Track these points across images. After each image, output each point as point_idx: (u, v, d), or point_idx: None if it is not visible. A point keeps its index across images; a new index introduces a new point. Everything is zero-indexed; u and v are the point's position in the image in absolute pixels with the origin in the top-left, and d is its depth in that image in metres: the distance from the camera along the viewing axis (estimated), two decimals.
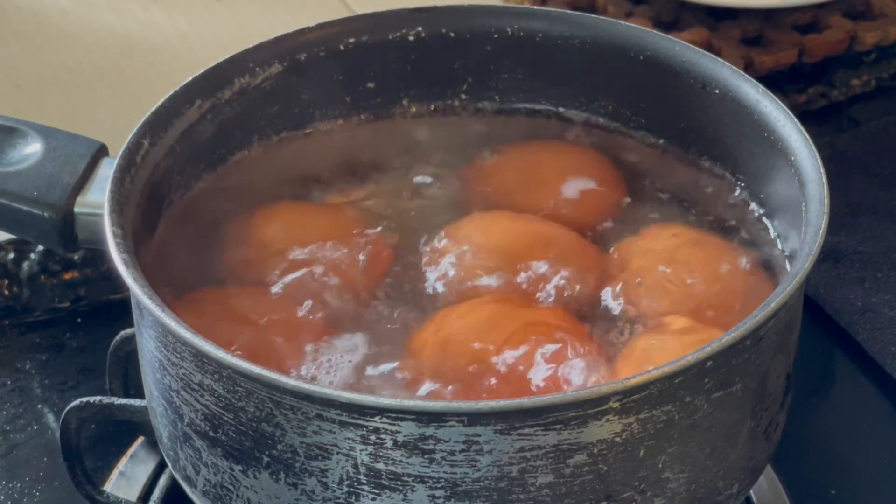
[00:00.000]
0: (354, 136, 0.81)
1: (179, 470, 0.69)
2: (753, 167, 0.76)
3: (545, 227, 0.76)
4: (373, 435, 0.61)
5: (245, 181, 0.78)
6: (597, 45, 0.79)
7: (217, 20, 1.17)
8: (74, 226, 0.72)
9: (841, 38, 1.10)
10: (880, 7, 1.13)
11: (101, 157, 0.73)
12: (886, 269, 0.93)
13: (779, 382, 0.68)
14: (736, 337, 0.62)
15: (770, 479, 0.80)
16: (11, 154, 0.73)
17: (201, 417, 0.65)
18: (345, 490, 0.62)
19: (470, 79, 0.82)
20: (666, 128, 0.80)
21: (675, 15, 1.12)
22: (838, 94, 1.09)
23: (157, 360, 0.67)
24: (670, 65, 0.77)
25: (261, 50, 0.78)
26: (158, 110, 0.74)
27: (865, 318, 0.90)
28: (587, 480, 0.62)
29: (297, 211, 0.78)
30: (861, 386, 0.88)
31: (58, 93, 1.10)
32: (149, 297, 0.63)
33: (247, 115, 0.78)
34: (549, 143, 0.81)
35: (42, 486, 0.83)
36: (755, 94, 0.74)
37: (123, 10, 1.18)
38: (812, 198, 0.68)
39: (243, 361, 0.61)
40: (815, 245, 0.65)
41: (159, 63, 1.12)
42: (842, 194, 0.97)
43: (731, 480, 0.67)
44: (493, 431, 0.60)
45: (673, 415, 0.62)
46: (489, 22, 0.80)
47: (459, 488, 0.61)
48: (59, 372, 0.90)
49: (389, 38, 0.80)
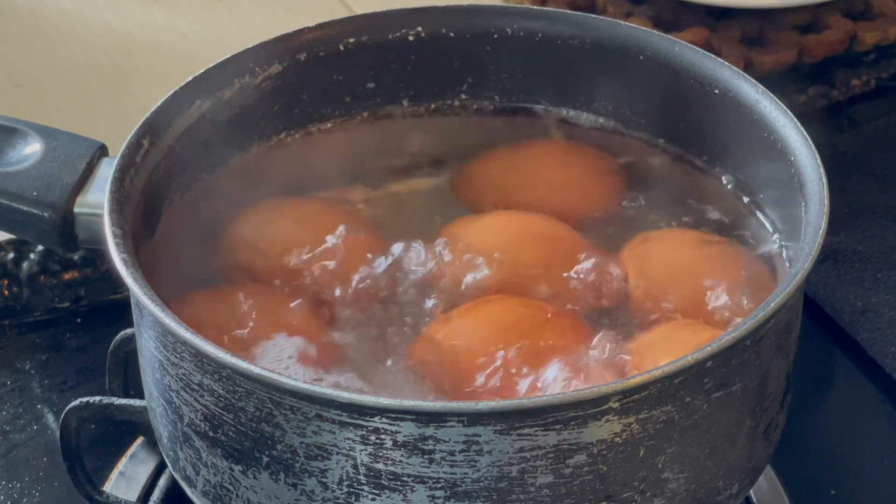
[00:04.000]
0: (354, 136, 0.81)
1: (179, 470, 0.69)
2: (753, 167, 0.76)
3: (545, 226, 0.76)
4: (373, 435, 0.61)
5: (245, 181, 0.78)
6: (597, 45, 0.79)
7: (217, 20, 1.17)
8: (74, 226, 0.72)
9: (841, 38, 1.10)
10: (880, 7, 1.13)
11: (101, 157, 0.73)
12: (886, 269, 0.93)
13: (779, 382, 0.68)
14: (736, 337, 0.62)
15: (770, 479, 0.80)
16: (11, 154, 0.73)
17: (201, 417, 0.65)
18: (344, 490, 0.62)
19: (470, 79, 0.82)
20: (666, 128, 0.80)
21: (675, 15, 1.12)
22: (838, 94, 1.09)
23: (156, 360, 0.67)
24: (670, 65, 0.77)
25: (261, 50, 0.78)
26: (158, 110, 0.74)
27: (865, 318, 0.90)
28: (587, 480, 0.62)
29: (297, 211, 0.78)
30: (861, 386, 0.88)
31: (58, 93, 1.10)
32: (149, 297, 0.63)
33: (247, 115, 0.78)
34: (549, 143, 0.81)
35: (42, 486, 0.83)
36: (755, 94, 0.74)
37: (123, 10, 1.18)
38: (812, 198, 0.68)
39: (243, 361, 0.61)
40: (815, 245, 0.65)
41: (159, 63, 1.12)
42: (842, 194, 0.97)
43: (731, 480, 0.67)
44: (493, 431, 0.60)
45: (673, 415, 0.62)
46: (489, 22, 0.80)
47: (459, 488, 0.61)
48: (58, 372, 0.90)
49: (389, 38, 0.80)
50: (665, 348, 0.68)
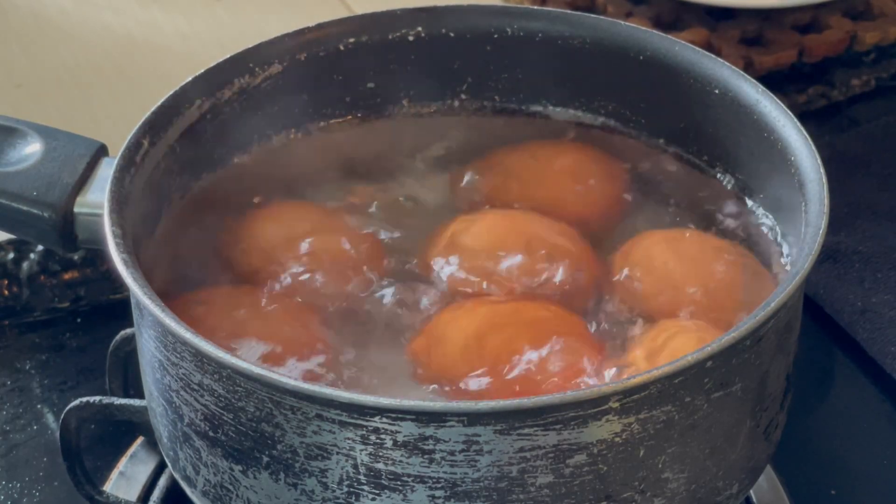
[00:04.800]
0: (354, 136, 0.81)
1: (179, 470, 0.69)
2: (753, 167, 0.76)
3: (545, 226, 0.76)
4: (373, 435, 0.61)
5: (245, 181, 0.78)
6: (597, 45, 0.79)
7: (217, 20, 1.17)
8: (74, 226, 0.72)
9: (841, 38, 1.10)
10: (880, 7, 1.13)
11: (101, 157, 0.73)
12: (886, 270, 0.93)
13: (779, 382, 0.68)
14: (736, 337, 0.62)
15: (770, 479, 0.80)
16: (11, 154, 0.73)
17: (201, 417, 0.65)
18: (345, 490, 0.62)
19: (470, 79, 0.82)
20: (666, 128, 0.80)
21: (675, 15, 1.12)
22: (838, 94, 1.09)
23: (156, 360, 0.67)
24: (670, 65, 0.77)
25: (261, 50, 0.78)
26: (158, 110, 0.74)
27: (865, 318, 0.90)
28: (587, 480, 0.62)
29: (297, 211, 0.78)
30: (861, 386, 0.88)
31: (58, 93, 1.10)
32: (149, 297, 0.63)
33: (247, 115, 0.78)
34: (549, 143, 0.81)
35: (42, 486, 0.83)
36: (755, 94, 0.74)
37: (123, 10, 1.18)
38: (812, 198, 0.68)
39: (243, 361, 0.61)
40: (815, 245, 0.65)
41: (159, 63, 1.12)
42: (842, 194, 0.97)
43: (731, 480, 0.67)
44: (493, 431, 0.60)
45: (673, 415, 0.62)
46: (489, 22, 0.80)
47: (459, 488, 0.61)
48: (58, 372, 0.90)
49: (389, 38, 0.80)
50: (665, 348, 0.68)
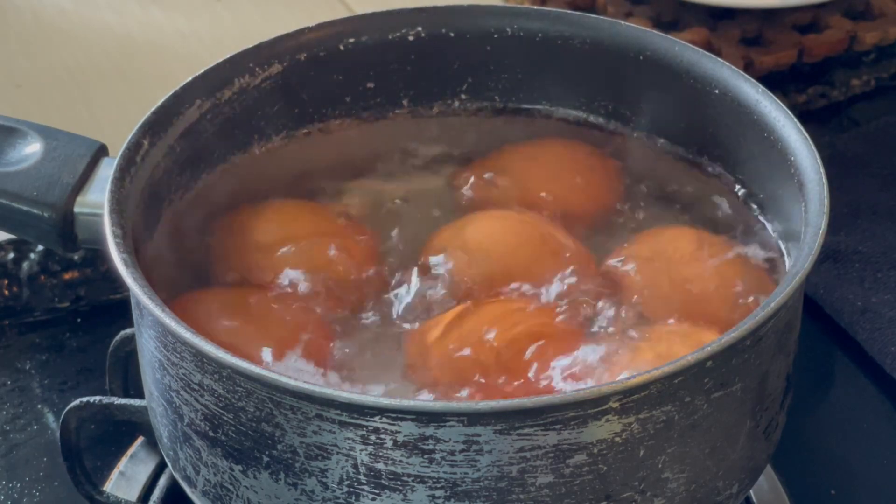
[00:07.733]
0: (354, 136, 0.81)
1: (179, 470, 0.69)
2: (753, 167, 0.76)
3: (545, 227, 0.76)
4: (373, 435, 0.61)
5: (245, 181, 0.78)
6: (597, 45, 0.79)
7: (217, 20, 1.17)
8: (74, 226, 0.72)
9: (841, 38, 1.10)
10: (880, 7, 1.13)
11: (101, 157, 0.73)
12: (886, 269, 0.93)
13: (779, 382, 0.68)
14: (736, 337, 0.62)
15: (770, 479, 0.80)
16: (11, 154, 0.73)
17: (201, 417, 0.65)
18: (345, 490, 0.62)
19: (470, 79, 0.82)
20: (666, 128, 0.80)
21: (675, 15, 1.12)
22: (838, 94, 1.09)
23: (156, 360, 0.67)
24: (670, 65, 0.77)
25: (261, 50, 0.78)
26: (158, 110, 0.74)
27: (865, 318, 0.90)
28: (587, 480, 0.62)
29: (297, 211, 0.78)
30: (861, 386, 0.88)
31: (58, 93, 1.10)
32: (149, 297, 0.63)
33: (247, 115, 0.78)
34: (548, 143, 0.81)
35: (42, 486, 0.83)
36: (755, 94, 0.74)
37: (123, 10, 1.18)
38: (812, 198, 0.68)
39: (243, 361, 0.61)
40: (815, 245, 0.65)
41: (159, 63, 1.12)
42: (842, 194, 0.97)
43: (731, 480, 0.67)
44: (493, 431, 0.60)
45: (673, 415, 0.62)
46: (489, 22, 0.80)
47: (459, 488, 0.61)
48: (58, 372, 0.90)
49: (389, 38, 0.80)
50: (665, 348, 0.68)
